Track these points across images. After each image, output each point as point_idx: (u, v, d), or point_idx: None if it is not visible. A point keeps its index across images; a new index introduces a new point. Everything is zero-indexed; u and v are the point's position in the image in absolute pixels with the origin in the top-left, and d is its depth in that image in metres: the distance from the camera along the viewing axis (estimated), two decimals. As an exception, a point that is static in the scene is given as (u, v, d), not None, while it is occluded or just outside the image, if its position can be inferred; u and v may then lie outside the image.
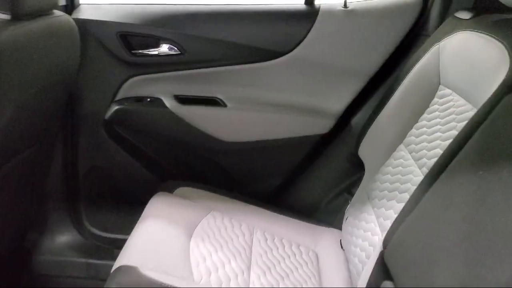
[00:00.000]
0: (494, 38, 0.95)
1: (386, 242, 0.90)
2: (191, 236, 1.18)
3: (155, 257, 1.06)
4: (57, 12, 1.18)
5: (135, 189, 1.49)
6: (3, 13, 0.96)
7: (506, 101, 0.77)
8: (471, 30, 1.06)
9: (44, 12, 1.09)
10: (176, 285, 0.99)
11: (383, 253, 0.90)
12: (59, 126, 1.41)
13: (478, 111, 0.84)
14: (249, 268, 1.15)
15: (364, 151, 1.33)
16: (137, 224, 1.19)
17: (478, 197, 0.71)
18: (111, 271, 1.03)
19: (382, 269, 0.90)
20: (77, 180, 1.52)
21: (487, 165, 0.73)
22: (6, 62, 0.91)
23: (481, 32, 1.01)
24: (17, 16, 0.96)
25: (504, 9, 1.06)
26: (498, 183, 0.69)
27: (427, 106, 1.16)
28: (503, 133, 0.74)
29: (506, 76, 0.83)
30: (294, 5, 1.42)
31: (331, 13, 1.39)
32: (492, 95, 0.83)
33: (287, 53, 1.40)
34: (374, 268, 0.95)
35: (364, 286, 0.99)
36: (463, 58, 1.05)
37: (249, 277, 1.12)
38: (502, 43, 0.91)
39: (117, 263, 1.04)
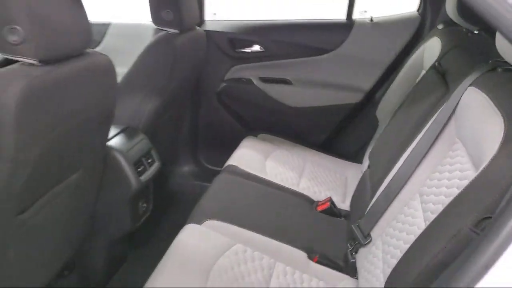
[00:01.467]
0: (439, 38, 1.66)
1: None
2: (266, 158, 2.00)
3: (247, 161, 1.88)
4: (197, 27, 2.04)
5: (232, 136, 2.31)
6: (173, 29, 1.81)
7: (426, 73, 1.50)
8: (436, 36, 1.77)
9: (192, 27, 1.95)
10: (259, 175, 1.81)
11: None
12: (190, 96, 2.29)
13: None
14: (300, 177, 1.93)
15: (379, 113, 2.07)
16: (236, 149, 2.02)
17: (403, 121, 1.45)
18: (222, 168, 1.88)
19: (367, 163, 1.66)
20: (197, 131, 2.41)
21: (409, 108, 1.46)
22: (179, 57, 1.77)
23: (437, 36, 1.72)
24: (182, 31, 1.82)
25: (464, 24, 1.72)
26: (409, 116, 1.42)
27: (414, 83, 1.87)
28: (419, 92, 1.47)
29: (435, 60, 1.55)
30: (339, 19, 2.19)
31: (362, 24, 2.14)
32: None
33: (333, 50, 2.17)
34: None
35: (360, 180, 1.74)
36: (430, 51, 1.76)
37: (300, 181, 1.90)
38: (441, 41, 1.62)
39: (226, 164, 1.88)
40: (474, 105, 1.05)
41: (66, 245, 1.39)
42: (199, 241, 1.36)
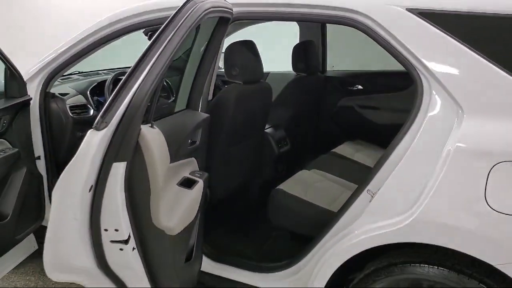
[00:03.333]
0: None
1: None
2: (356, 153, 3.23)
3: (342, 150, 3.14)
4: (319, 73, 3.44)
5: (339, 142, 3.52)
6: (303, 74, 3.22)
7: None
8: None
9: (316, 73, 3.34)
10: (349, 157, 3.06)
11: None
12: (313, 115, 3.64)
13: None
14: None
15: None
16: (339, 145, 3.29)
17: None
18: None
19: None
20: (316, 138, 3.72)
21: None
22: (305, 89, 3.16)
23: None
24: (308, 74, 3.22)
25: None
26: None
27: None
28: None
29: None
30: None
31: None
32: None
33: (407, 88, 3.36)
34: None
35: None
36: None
37: (374, 164, 3.09)
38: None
39: (330, 151, 3.17)
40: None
41: (244, 173, 2.83)
42: (307, 176, 2.68)
